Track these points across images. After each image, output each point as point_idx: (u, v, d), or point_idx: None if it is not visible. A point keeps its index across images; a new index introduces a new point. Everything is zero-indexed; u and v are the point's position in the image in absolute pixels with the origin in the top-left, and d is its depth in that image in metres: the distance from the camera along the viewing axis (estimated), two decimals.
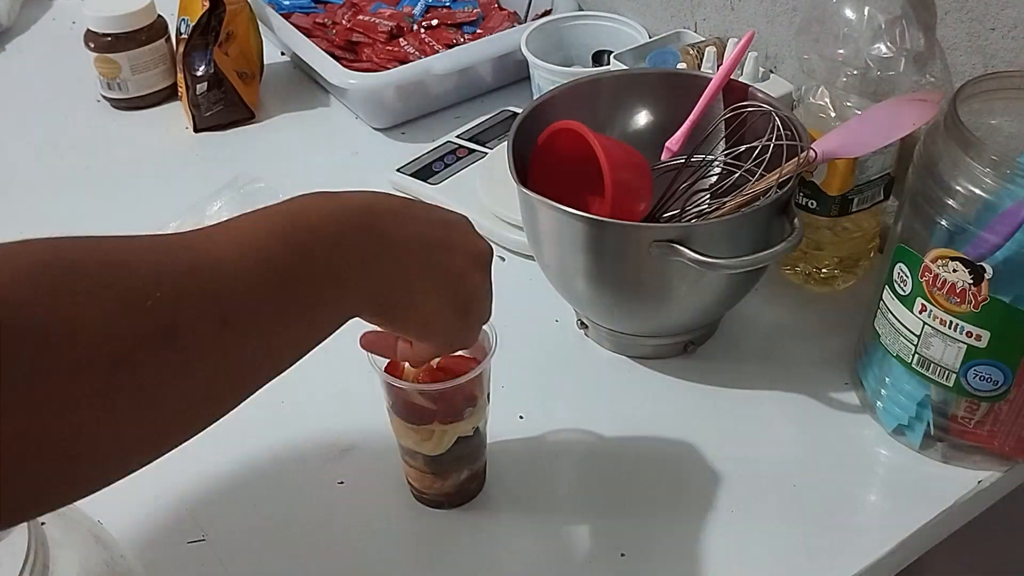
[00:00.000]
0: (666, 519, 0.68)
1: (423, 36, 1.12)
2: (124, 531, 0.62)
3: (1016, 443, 0.69)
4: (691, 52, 0.92)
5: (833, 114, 0.78)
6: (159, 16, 1.09)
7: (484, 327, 0.62)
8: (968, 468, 0.70)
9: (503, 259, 0.90)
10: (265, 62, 1.12)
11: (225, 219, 0.47)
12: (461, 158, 0.98)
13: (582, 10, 1.09)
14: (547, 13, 1.12)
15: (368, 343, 0.62)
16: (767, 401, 0.76)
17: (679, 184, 0.77)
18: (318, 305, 0.47)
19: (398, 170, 0.97)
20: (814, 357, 0.79)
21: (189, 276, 0.41)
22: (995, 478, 0.70)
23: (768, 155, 0.72)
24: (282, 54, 1.17)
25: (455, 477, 0.68)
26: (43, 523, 0.49)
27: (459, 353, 0.64)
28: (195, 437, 0.42)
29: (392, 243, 0.51)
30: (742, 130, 0.77)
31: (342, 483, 0.71)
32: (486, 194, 0.90)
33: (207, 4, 1.02)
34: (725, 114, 0.78)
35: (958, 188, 0.62)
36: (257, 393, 0.70)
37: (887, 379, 0.71)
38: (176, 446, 0.42)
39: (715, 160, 0.79)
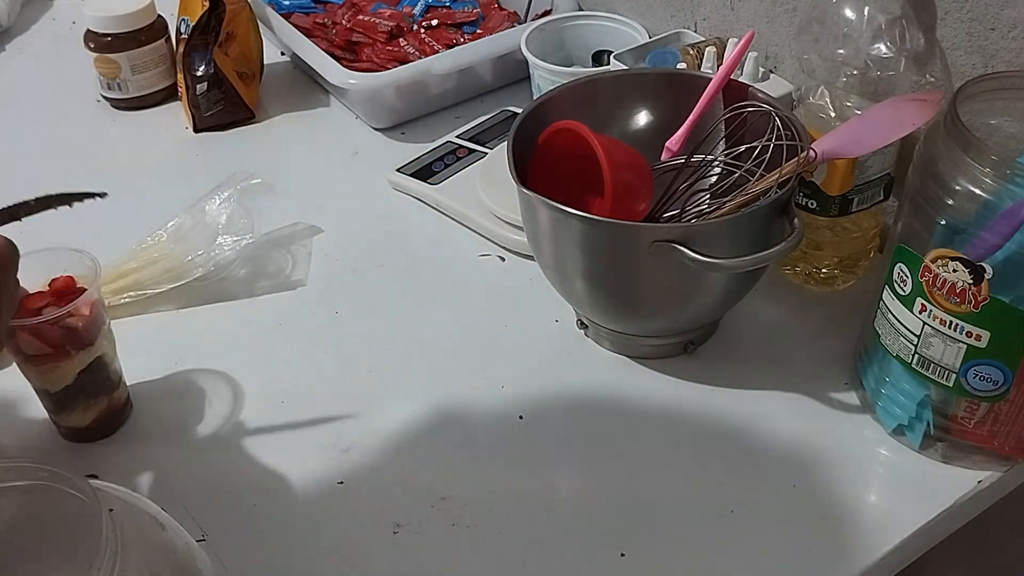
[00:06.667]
0: (666, 519, 0.68)
1: (423, 36, 1.12)
2: None
3: (1016, 443, 0.69)
4: (691, 52, 0.92)
5: (833, 114, 0.78)
6: (159, 16, 1.09)
7: (84, 256, 0.70)
8: (968, 468, 0.70)
9: (503, 259, 0.90)
10: (265, 62, 1.12)
11: None
12: (461, 158, 0.98)
13: (582, 10, 1.09)
14: (547, 13, 1.12)
15: None
16: (767, 401, 0.76)
17: (679, 184, 0.77)
18: None
19: (398, 170, 0.97)
20: (814, 357, 0.79)
21: None
22: (995, 478, 0.70)
23: (768, 155, 0.72)
24: (282, 54, 1.18)
25: (94, 408, 0.72)
26: (111, 509, 0.49)
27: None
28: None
29: None
30: (742, 130, 0.77)
31: (342, 483, 0.71)
32: (486, 194, 0.90)
33: (207, 4, 1.02)
34: (725, 114, 0.78)
35: (958, 188, 0.62)
36: (257, 393, 0.70)
37: (887, 379, 0.71)
38: None
39: (715, 160, 0.79)
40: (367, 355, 0.81)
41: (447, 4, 1.17)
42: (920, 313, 0.66)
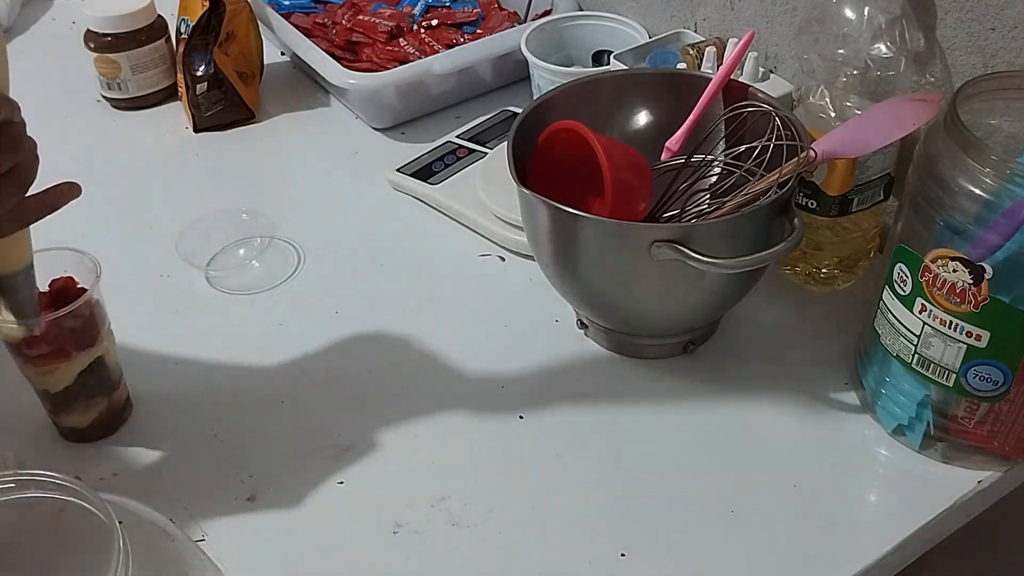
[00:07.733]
0: (666, 519, 0.68)
1: (423, 36, 1.12)
2: None
3: (1016, 443, 0.69)
4: (691, 52, 0.92)
5: (833, 114, 0.78)
6: (159, 16, 1.09)
7: (84, 257, 0.69)
8: (968, 468, 0.70)
9: (503, 259, 0.90)
10: (265, 62, 1.12)
11: None
12: (461, 158, 0.98)
13: (582, 10, 1.09)
14: (547, 13, 1.12)
15: None
16: (767, 401, 0.76)
17: (679, 184, 0.77)
18: None
19: (398, 170, 0.97)
20: (814, 357, 0.79)
21: None
22: (995, 478, 0.70)
23: (768, 155, 0.72)
24: (282, 54, 1.18)
25: (94, 408, 0.72)
26: (121, 522, 0.49)
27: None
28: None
29: None
30: (742, 130, 0.77)
31: (342, 483, 0.71)
32: (486, 194, 0.90)
33: (207, 4, 1.02)
34: (725, 114, 0.78)
35: (958, 188, 0.62)
36: (257, 393, 0.71)
37: (887, 379, 0.71)
38: None
39: (715, 160, 0.79)
40: (367, 355, 0.81)
41: (447, 4, 1.17)
42: (920, 313, 0.66)
